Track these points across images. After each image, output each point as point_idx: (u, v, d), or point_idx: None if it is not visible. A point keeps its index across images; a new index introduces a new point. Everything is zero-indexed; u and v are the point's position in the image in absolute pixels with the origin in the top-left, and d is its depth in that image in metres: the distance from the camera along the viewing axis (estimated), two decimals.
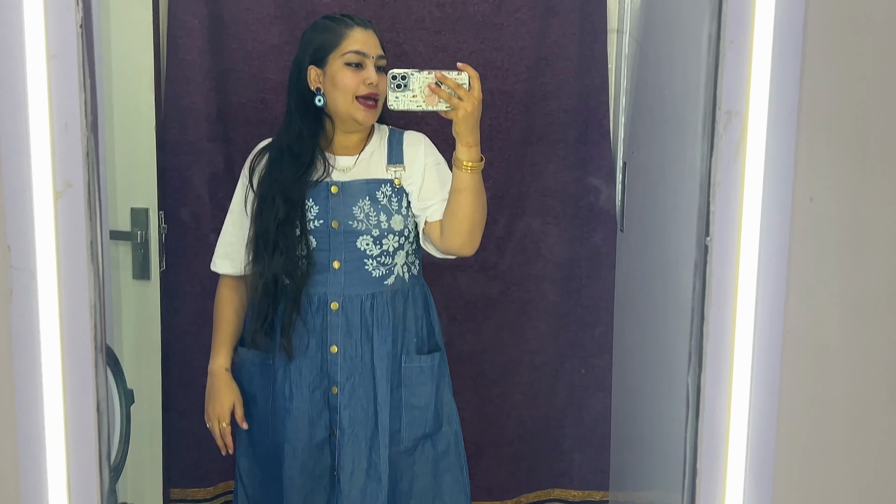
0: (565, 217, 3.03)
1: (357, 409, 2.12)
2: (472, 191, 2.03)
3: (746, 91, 1.15)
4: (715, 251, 1.17)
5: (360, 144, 2.20)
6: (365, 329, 2.13)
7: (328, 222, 2.13)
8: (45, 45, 1.06)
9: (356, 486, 2.10)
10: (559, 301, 3.09)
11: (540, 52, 2.94)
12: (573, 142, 2.98)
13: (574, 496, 3.18)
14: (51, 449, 1.14)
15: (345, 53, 2.08)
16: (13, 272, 1.13)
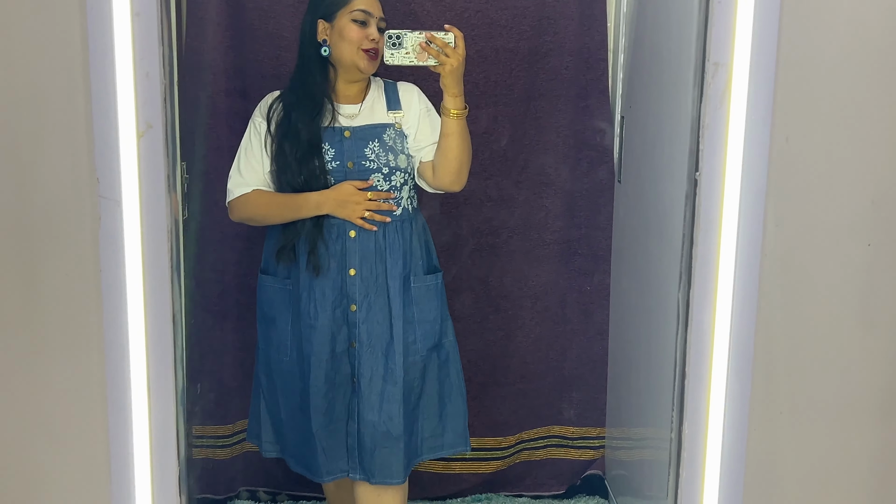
0: (566, 169, 3.22)
1: (373, 323, 2.42)
2: (458, 135, 2.36)
3: (731, 45, 1.36)
4: (703, 184, 1.39)
5: (360, 94, 2.48)
6: (379, 254, 2.43)
7: (344, 163, 2.41)
8: (130, 5, 1.26)
9: (375, 390, 2.42)
10: (559, 250, 3.29)
11: (542, 12, 3.12)
12: (574, 97, 3.17)
13: (572, 433, 3.41)
14: (133, 352, 1.36)
15: (352, 11, 2.37)
16: (102, 201, 1.34)
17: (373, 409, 2.45)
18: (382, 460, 2.43)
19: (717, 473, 1.55)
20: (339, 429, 2.50)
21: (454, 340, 2.58)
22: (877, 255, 1.61)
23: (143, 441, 1.43)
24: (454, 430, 2.59)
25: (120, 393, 1.40)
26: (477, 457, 3.40)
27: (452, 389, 2.57)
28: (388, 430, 2.42)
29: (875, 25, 1.52)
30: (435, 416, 2.58)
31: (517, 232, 3.28)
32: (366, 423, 2.46)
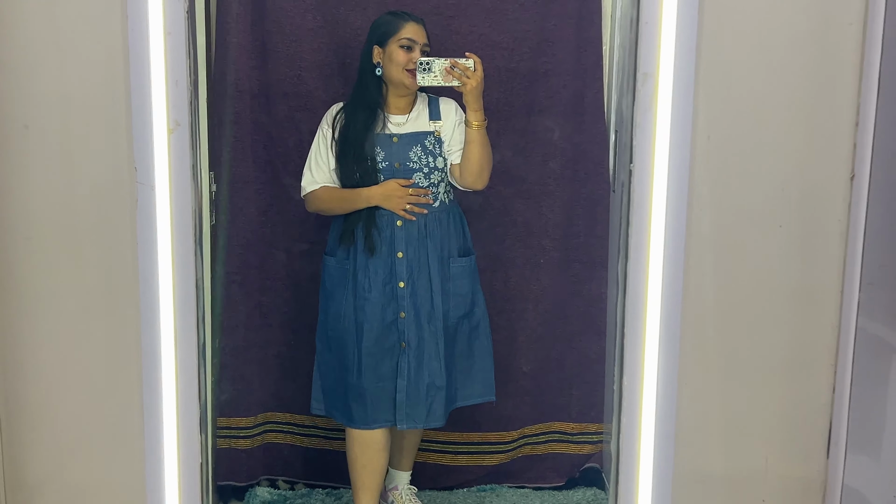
0: (564, 180, 3.52)
1: (418, 297, 2.98)
2: (479, 143, 2.96)
3: (657, 57, 1.67)
4: (635, 174, 1.70)
5: (408, 107, 3.03)
6: (421, 239, 2.99)
7: (392, 163, 2.96)
8: (163, 25, 1.61)
9: (423, 351, 2.98)
10: (559, 257, 3.57)
11: (541, 35, 3.43)
12: (571, 113, 3.47)
13: (572, 428, 3.67)
14: (164, 313, 1.69)
15: (400, 38, 2.93)
16: (139, 186, 1.68)
17: (421, 366, 3.02)
18: (429, 407, 3.01)
19: (652, 421, 1.84)
20: (386, 386, 3.05)
21: (485, 311, 3.15)
22: (787, 235, 1.91)
23: (170, 384, 1.76)
24: (483, 382, 3.17)
25: (152, 345, 1.74)
26: (482, 450, 3.68)
27: (483, 350, 3.15)
28: (434, 381, 2.99)
29: (780, 38, 1.83)
30: (467, 370, 3.17)
31: (519, 239, 3.57)
32: (416, 378, 2.99)
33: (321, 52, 3.40)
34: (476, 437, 3.69)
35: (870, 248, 1.86)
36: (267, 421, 3.64)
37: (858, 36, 1.83)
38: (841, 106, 1.86)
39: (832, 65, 1.86)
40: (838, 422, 1.96)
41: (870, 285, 1.89)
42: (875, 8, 1.78)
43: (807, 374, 1.97)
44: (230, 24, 3.31)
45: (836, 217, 1.92)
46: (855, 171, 1.86)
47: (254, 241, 3.47)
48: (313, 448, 3.67)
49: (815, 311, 1.97)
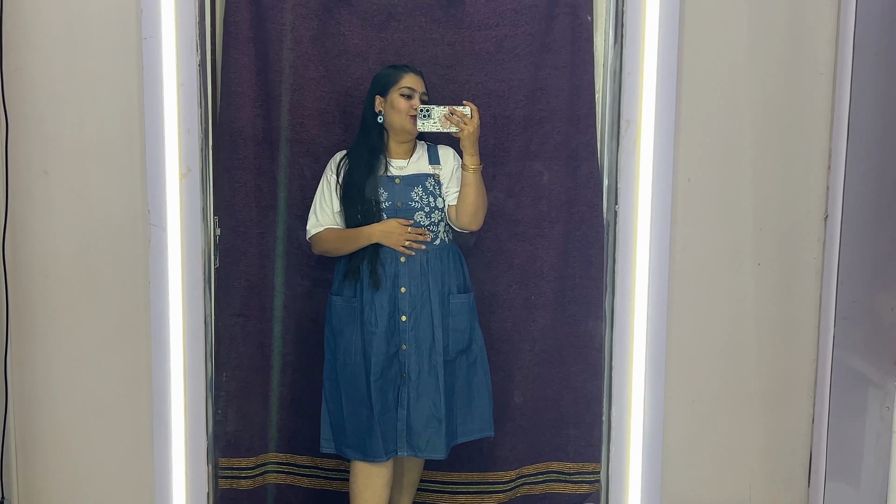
0: (558, 223, 3.62)
1: (419, 330, 3.13)
2: (474, 185, 3.12)
3: (639, 105, 1.79)
4: (620, 215, 1.81)
5: (408, 152, 3.21)
6: (423, 275, 3.15)
7: (395, 203, 3.14)
8: (176, 77, 1.74)
9: (422, 382, 3.13)
10: (555, 298, 3.66)
11: (536, 83, 3.56)
12: (565, 158, 3.58)
13: (570, 468, 3.73)
14: (174, 346, 1.79)
15: (401, 87, 3.13)
16: (151, 228, 1.79)
17: (420, 397, 3.16)
18: (429, 438, 3.14)
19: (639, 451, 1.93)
20: (391, 416, 3.19)
21: (483, 346, 3.27)
22: (765, 273, 2.02)
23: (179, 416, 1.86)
24: (481, 418, 3.29)
25: (162, 378, 1.83)
26: (480, 490, 3.74)
27: (480, 385, 3.27)
28: (433, 413, 3.12)
29: (755, 87, 1.96)
30: (465, 406, 3.29)
31: (516, 281, 3.67)
32: (416, 408, 3.13)
33: (323, 100, 3.54)
34: (475, 476, 3.76)
35: (843, 284, 1.96)
36: (268, 462, 3.70)
37: (829, 85, 1.96)
38: (814, 150, 1.98)
39: (805, 112, 1.99)
40: (818, 451, 2.05)
41: (844, 320, 1.99)
42: (843, 59, 1.91)
43: (787, 406, 2.07)
44: (235, 74, 3.44)
45: (812, 255, 2.03)
46: (828, 211, 1.98)
47: (256, 283, 3.57)
48: (314, 489, 3.73)
49: (794, 344, 2.07)
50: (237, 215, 3.45)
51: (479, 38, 3.55)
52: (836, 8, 1.90)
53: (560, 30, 3.50)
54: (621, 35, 1.80)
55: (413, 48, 3.51)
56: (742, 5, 1.94)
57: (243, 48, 3.42)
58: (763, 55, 1.92)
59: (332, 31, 3.53)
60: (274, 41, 3.48)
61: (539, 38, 3.54)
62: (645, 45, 1.79)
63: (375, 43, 3.53)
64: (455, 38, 3.54)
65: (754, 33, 1.92)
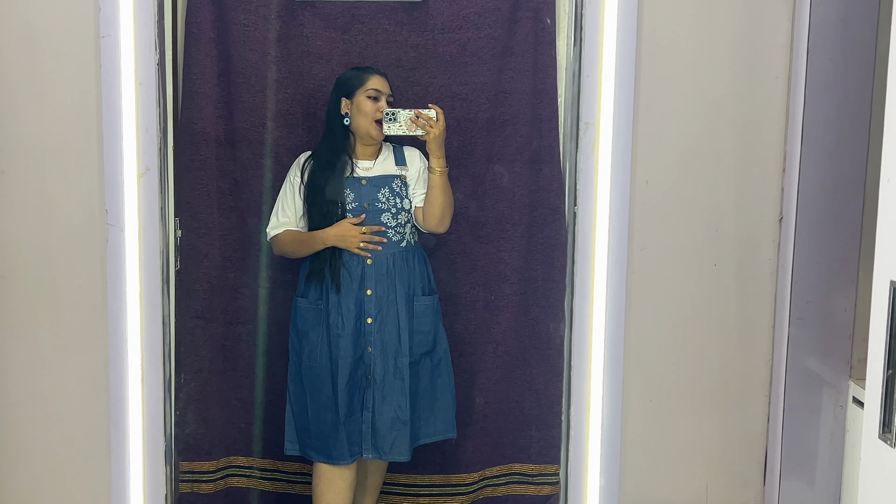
0: (521, 225, 3.64)
1: (385, 332, 3.13)
2: (441, 188, 3.14)
3: (598, 107, 1.81)
4: (579, 217, 1.82)
5: (374, 154, 3.22)
6: (389, 277, 3.14)
7: (361, 204, 3.14)
8: (135, 76, 1.73)
9: (387, 385, 3.13)
10: (518, 301, 3.68)
11: (499, 86, 3.58)
12: (528, 161, 3.61)
13: (532, 469, 3.75)
14: (131, 347, 1.78)
15: (367, 90, 3.14)
16: (109, 227, 1.78)
17: (385, 399, 3.17)
18: (394, 440, 3.14)
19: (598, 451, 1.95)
20: (356, 418, 3.19)
21: (447, 348, 3.29)
22: (721, 274, 2.05)
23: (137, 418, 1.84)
24: (444, 420, 3.30)
25: (120, 379, 1.82)
26: (443, 492, 3.75)
27: (444, 387, 3.28)
28: (398, 416, 3.12)
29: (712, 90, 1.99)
30: (429, 408, 3.30)
31: (479, 283, 3.68)
32: (381, 411, 3.13)
33: (285, 101, 3.54)
34: (438, 479, 3.77)
35: (797, 285, 2.00)
36: (230, 465, 3.68)
37: (784, 89, 1.99)
38: (769, 153, 2.01)
39: (760, 115, 2.02)
40: (773, 450, 2.08)
41: (799, 320, 2.02)
42: (798, 63, 1.94)
43: (742, 405, 2.10)
44: (197, 75, 3.43)
45: (767, 256, 2.06)
46: (783, 213, 2.01)
47: (217, 285, 3.55)
48: (276, 492, 3.72)
49: (749, 344, 2.10)
50: (198, 217, 3.43)
51: (443, 41, 3.56)
52: (791, 14, 1.94)
53: (523, 33, 3.53)
54: (580, 38, 1.82)
55: (376, 50, 3.51)
56: (699, 10, 1.97)
57: (205, 49, 3.42)
58: (719, 59, 1.95)
59: (295, 33, 3.52)
60: (236, 42, 3.46)
61: (502, 42, 3.57)
62: (603, 48, 1.81)
63: (339, 45, 3.53)
64: (419, 41, 3.55)
65: (711, 38, 1.95)
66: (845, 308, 2.00)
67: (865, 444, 1.64)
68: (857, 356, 2.04)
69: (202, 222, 3.45)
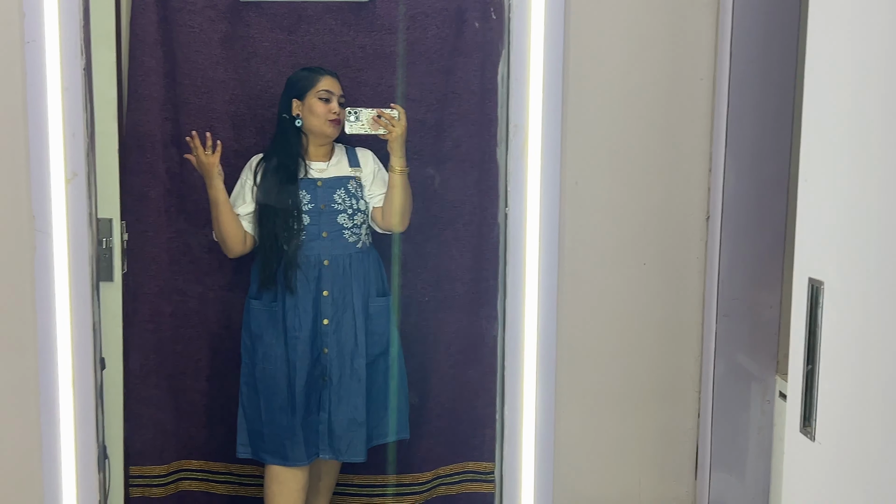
0: (472, 226, 3.67)
1: (342, 333, 3.15)
2: (401, 187, 3.18)
3: (526, 110, 1.83)
4: (510, 218, 1.85)
5: (327, 155, 3.24)
6: (346, 278, 3.16)
7: (318, 205, 3.18)
8: (61, 80, 1.73)
9: (344, 386, 3.16)
10: (470, 300, 3.71)
11: (448, 87, 3.61)
12: (478, 162, 3.64)
13: (485, 467, 3.79)
14: (61, 354, 1.78)
15: (318, 91, 3.17)
16: (37, 233, 1.78)
17: (342, 401, 3.18)
18: (350, 441, 3.16)
19: (532, 448, 1.97)
20: (312, 420, 3.20)
21: (400, 350, 3.33)
22: (650, 272, 2.09)
23: (69, 425, 1.84)
24: (398, 421, 3.33)
25: (49, 387, 1.82)
26: (396, 491, 3.77)
27: (398, 388, 3.31)
28: (355, 417, 3.15)
29: (639, 92, 2.03)
30: (382, 409, 3.32)
31: (430, 283, 3.71)
32: (337, 412, 3.18)
33: (233, 103, 3.54)
34: (391, 479, 3.79)
35: (724, 282, 2.04)
36: (181, 469, 3.69)
37: (709, 90, 2.03)
38: (695, 153, 2.05)
39: (686, 116, 2.06)
40: (703, 444, 2.12)
41: (726, 317, 2.06)
42: (722, 65, 1.98)
43: (673, 401, 2.14)
44: (142, 77, 3.42)
45: (695, 255, 2.10)
46: (709, 212, 2.05)
47: (166, 289, 3.55)
48: (229, 495, 3.72)
49: (679, 341, 2.14)
50: (145, 220, 3.43)
51: (390, 41, 3.58)
52: (716, 17, 1.97)
53: (470, 33, 3.56)
54: (507, 41, 1.84)
55: (323, 51, 3.53)
56: (626, 13, 2.00)
57: (150, 51, 3.41)
58: (646, 61, 1.98)
59: (241, 34, 3.52)
60: (182, 44, 3.46)
61: (450, 42, 3.59)
62: (531, 51, 1.83)
63: (286, 45, 3.54)
64: (366, 42, 3.57)
65: (637, 40, 1.98)
66: (771, 305, 2.04)
67: (788, 437, 1.68)
68: (784, 351, 2.08)
69: (149, 225, 3.46)
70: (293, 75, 3.30)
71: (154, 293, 3.52)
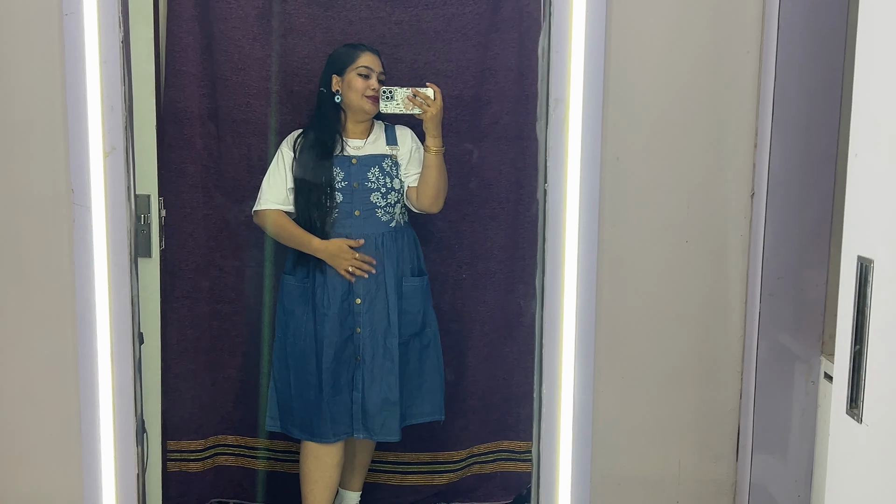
0: (508, 203, 3.64)
1: (374, 313, 3.13)
2: (436, 167, 3.12)
3: (567, 84, 1.80)
4: (550, 194, 1.82)
5: (365, 132, 3.21)
6: (379, 258, 3.14)
7: (351, 183, 3.12)
8: (99, 53, 1.72)
9: (377, 366, 3.13)
10: (505, 278, 3.69)
11: (484, 63, 3.57)
12: (513, 139, 3.61)
13: (520, 446, 3.78)
14: (100, 328, 1.78)
15: (358, 67, 3.14)
16: (75, 207, 1.77)
17: (375, 380, 3.16)
18: (384, 421, 3.15)
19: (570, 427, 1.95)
20: (343, 399, 3.18)
21: (436, 329, 3.30)
22: (693, 250, 2.05)
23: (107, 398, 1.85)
24: (432, 402, 3.31)
25: (89, 360, 1.82)
26: (432, 469, 3.77)
27: (433, 369, 3.29)
28: (388, 397, 3.13)
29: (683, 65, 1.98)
30: (417, 389, 3.30)
31: (465, 262, 3.69)
32: (370, 392, 3.16)
33: (269, 80, 3.52)
34: (426, 456, 3.79)
35: (769, 261, 1.99)
36: (218, 444, 3.71)
37: (755, 63, 1.98)
38: (740, 128, 2.00)
39: (732, 91, 2.01)
40: (745, 425, 2.08)
41: (770, 296, 2.02)
42: (769, 38, 1.93)
43: (715, 381, 2.10)
44: (179, 52, 3.42)
45: (739, 232, 2.05)
46: (754, 188, 2.00)
47: (203, 265, 3.56)
48: (264, 470, 3.74)
49: (722, 320, 2.10)
50: (183, 196, 3.44)
51: (427, 17, 3.54)
52: None
53: (508, 9, 3.51)
54: (549, 13, 1.81)
55: (360, 27, 3.50)
56: None
57: (187, 26, 3.41)
58: (690, 33, 1.93)
59: (277, 10, 3.50)
60: (219, 19, 3.45)
61: (487, 18, 3.55)
62: (573, 23, 1.79)
63: (322, 21, 3.51)
64: (402, 17, 3.53)
65: (681, 11, 1.93)
66: (817, 284, 2.00)
67: (833, 419, 1.63)
68: (829, 332, 2.03)
69: (186, 201, 3.46)
70: (335, 51, 3.28)
71: (191, 269, 3.54)
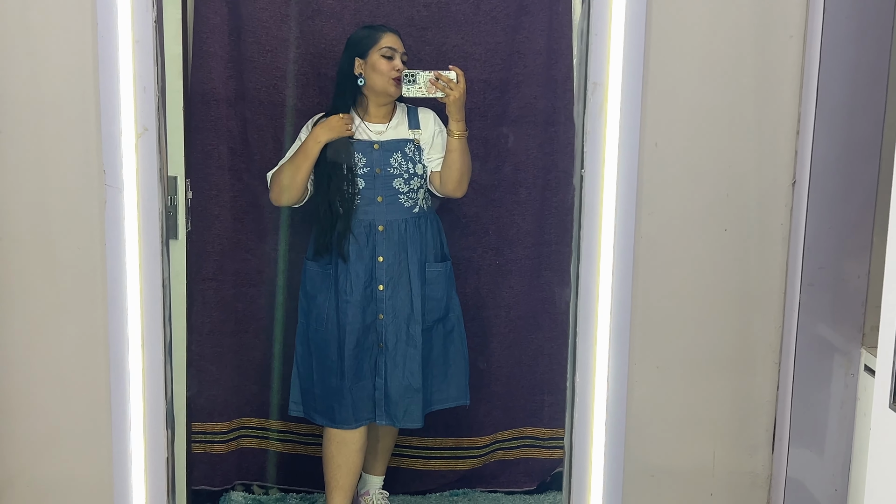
0: (535, 189, 3.61)
1: (397, 300, 3.09)
2: (459, 151, 3.08)
3: (606, 68, 1.76)
4: (586, 180, 1.78)
5: (387, 116, 3.14)
6: (401, 244, 3.09)
7: (373, 169, 3.08)
8: (132, 33, 1.69)
9: (399, 352, 3.11)
10: (531, 265, 3.65)
11: (513, 46, 3.53)
12: (542, 123, 3.57)
13: (544, 433, 3.76)
14: (131, 310, 1.77)
15: (381, 48, 3.07)
16: (107, 188, 1.76)
17: (398, 367, 3.13)
18: (407, 407, 3.12)
19: (603, 417, 1.92)
20: (366, 385, 3.16)
21: (460, 315, 3.27)
22: (732, 239, 2.01)
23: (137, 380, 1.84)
24: (457, 386, 3.29)
25: (119, 342, 1.81)
26: (455, 455, 3.76)
27: (457, 354, 3.27)
28: (410, 383, 3.10)
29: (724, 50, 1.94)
30: (441, 375, 3.27)
31: (491, 248, 3.66)
32: (392, 378, 3.14)
33: (297, 62, 3.49)
34: (450, 441, 3.77)
35: (809, 251, 1.95)
36: (242, 426, 3.71)
37: (798, 49, 1.93)
38: (782, 115, 1.96)
39: (774, 76, 1.96)
40: (782, 418, 2.05)
41: (810, 286, 1.98)
42: (814, 23, 1.88)
43: (752, 372, 2.06)
44: (207, 34, 3.40)
45: (779, 221, 2.01)
46: (796, 177, 1.96)
47: (229, 247, 3.54)
48: (288, 453, 3.74)
49: (759, 311, 2.06)
50: (209, 178, 3.42)
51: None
52: None
53: None
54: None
55: (388, 9, 3.46)
56: None
57: (215, 7, 3.38)
58: (732, 17, 1.89)
59: None
60: (247, 1, 3.42)
61: (517, 1, 3.50)
62: (612, 5, 1.75)
63: (350, 3, 3.48)
64: (431, 0, 3.49)
65: None
66: (858, 275, 1.95)
67: (875, 413, 1.60)
68: (871, 324, 1.99)
69: (213, 184, 3.45)
70: (355, 33, 3.23)
71: (217, 252, 3.52)
